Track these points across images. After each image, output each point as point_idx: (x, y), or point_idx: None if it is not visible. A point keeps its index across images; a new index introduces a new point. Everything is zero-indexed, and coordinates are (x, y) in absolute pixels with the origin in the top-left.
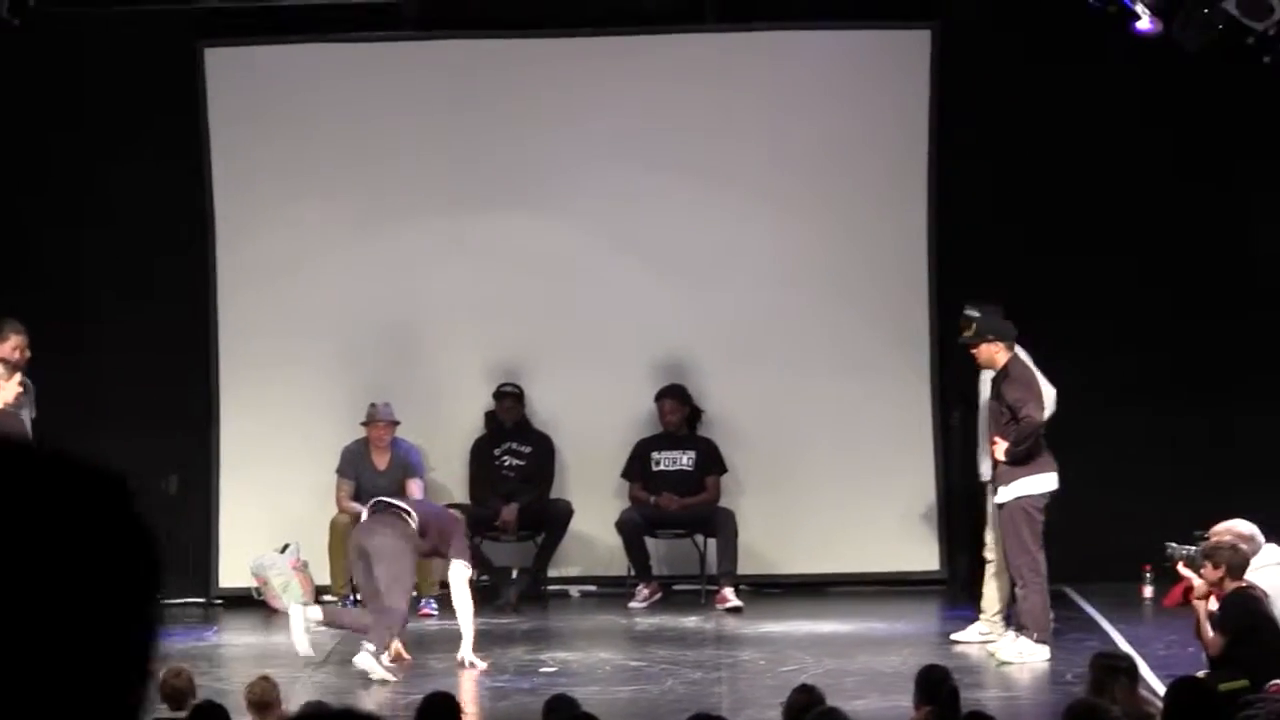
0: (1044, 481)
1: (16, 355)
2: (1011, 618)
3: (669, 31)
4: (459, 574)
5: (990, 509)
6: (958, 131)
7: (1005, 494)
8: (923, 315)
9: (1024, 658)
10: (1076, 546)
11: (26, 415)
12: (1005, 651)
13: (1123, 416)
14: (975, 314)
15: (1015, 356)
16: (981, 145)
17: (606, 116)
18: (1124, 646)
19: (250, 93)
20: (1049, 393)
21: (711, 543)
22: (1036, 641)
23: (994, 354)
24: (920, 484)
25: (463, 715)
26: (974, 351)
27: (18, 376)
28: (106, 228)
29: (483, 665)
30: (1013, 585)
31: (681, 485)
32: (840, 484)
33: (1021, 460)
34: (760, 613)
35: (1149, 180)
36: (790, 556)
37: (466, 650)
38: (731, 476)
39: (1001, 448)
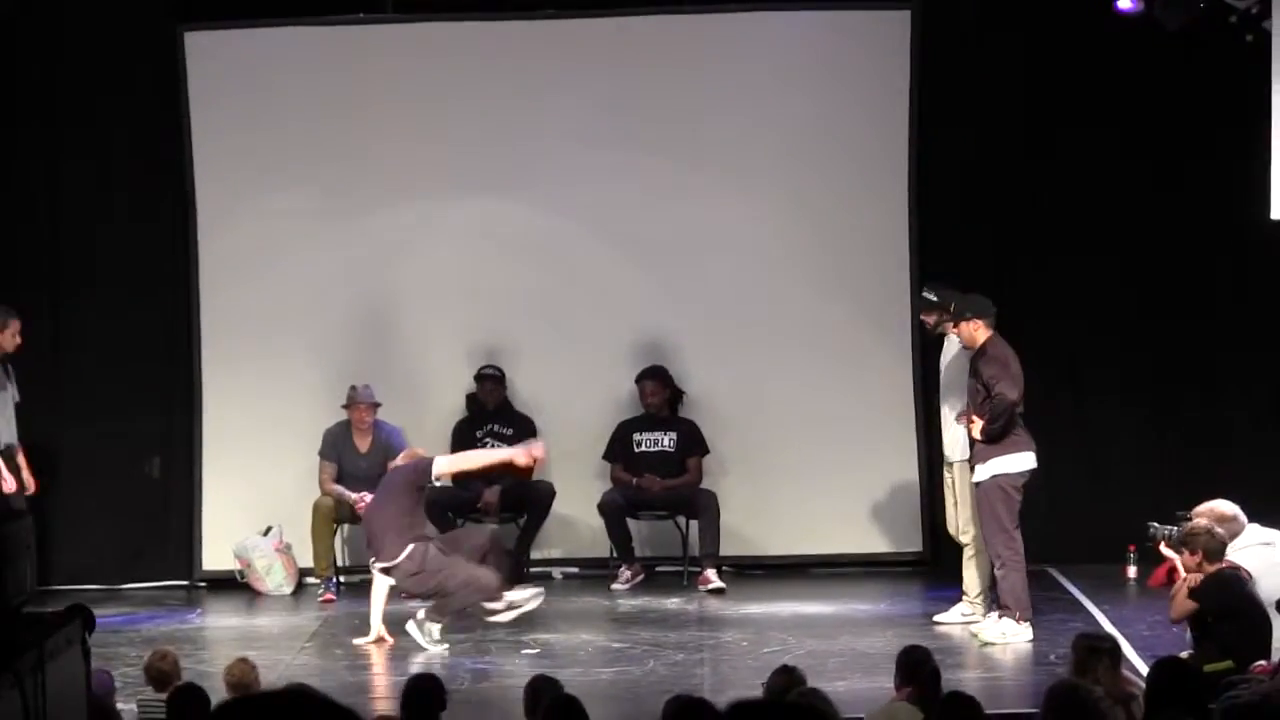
0: (1020, 460)
1: (18, 341)
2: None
3: (647, 13)
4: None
5: (954, 489)
6: (939, 114)
7: (981, 472)
8: (904, 297)
9: (1007, 638)
10: (1060, 527)
11: (9, 398)
12: (988, 632)
13: (1108, 399)
14: (933, 297)
15: (995, 335)
16: (963, 128)
17: (585, 99)
18: (1107, 627)
19: (231, 76)
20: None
21: (694, 524)
22: (1019, 621)
23: (974, 332)
24: (902, 465)
25: (447, 697)
26: (955, 331)
27: None
28: (87, 212)
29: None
30: (992, 565)
31: (663, 467)
32: (823, 465)
33: (997, 439)
34: (743, 594)
35: (1135, 161)
36: (773, 538)
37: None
38: (714, 458)
39: (978, 426)
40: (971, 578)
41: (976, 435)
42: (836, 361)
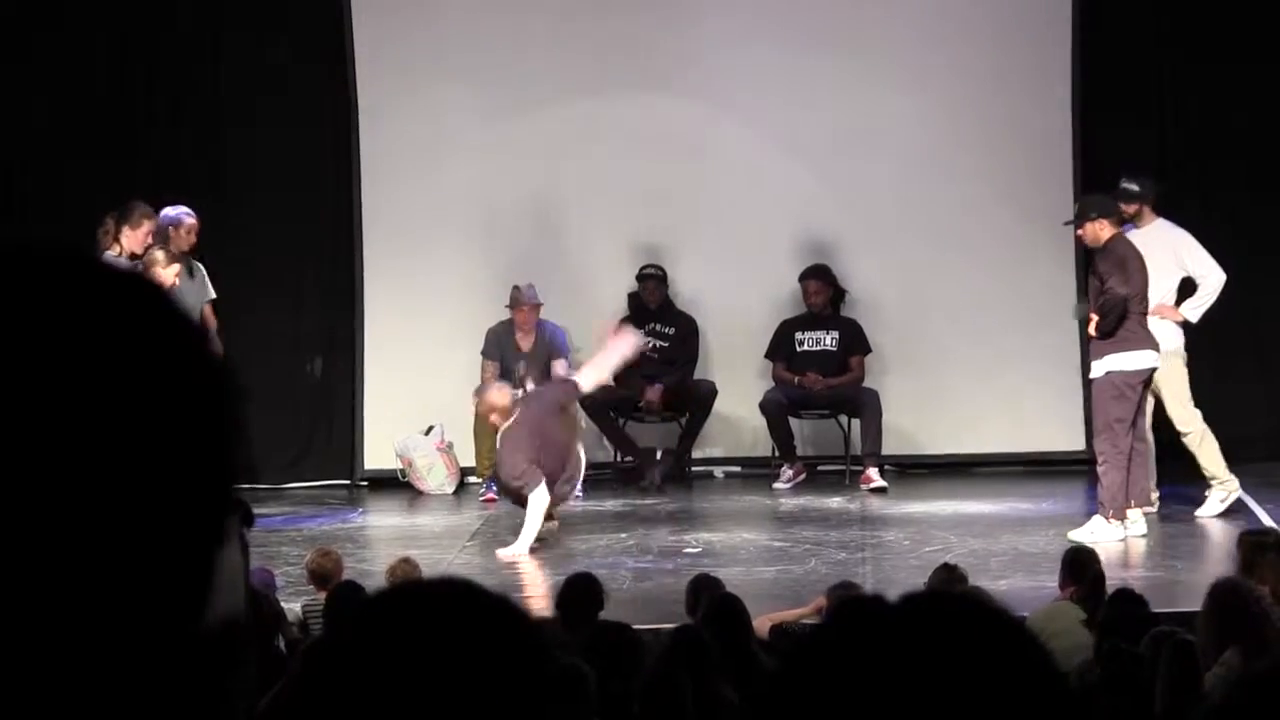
0: (1137, 359)
1: (149, 243)
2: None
3: None
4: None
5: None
6: (1102, 11)
7: (1096, 369)
8: (1066, 191)
9: (1095, 536)
10: (1225, 425)
11: (195, 300)
12: (1076, 531)
13: (1277, 293)
14: (1134, 187)
15: (1119, 234)
16: (1129, 16)
17: None
18: (1271, 525)
19: None
20: (1218, 278)
21: (855, 423)
22: (1110, 520)
23: (1099, 231)
24: (1065, 362)
25: (605, 597)
26: (1080, 232)
27: (176, 266)
28: (246, 110)
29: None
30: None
31: (826, 365)
32: (985, 364)
33: (1109, 335)
34: (905, 493)
35: None
36: (935, 436)
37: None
38: (876, 357)
39: (1094, 323)
40: (1209, 462)
41: (1091, 332)
42: (998, 261)
